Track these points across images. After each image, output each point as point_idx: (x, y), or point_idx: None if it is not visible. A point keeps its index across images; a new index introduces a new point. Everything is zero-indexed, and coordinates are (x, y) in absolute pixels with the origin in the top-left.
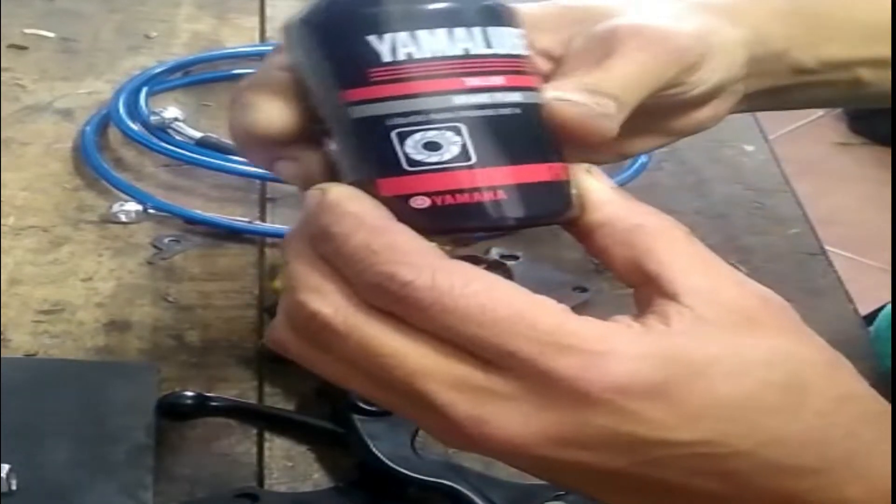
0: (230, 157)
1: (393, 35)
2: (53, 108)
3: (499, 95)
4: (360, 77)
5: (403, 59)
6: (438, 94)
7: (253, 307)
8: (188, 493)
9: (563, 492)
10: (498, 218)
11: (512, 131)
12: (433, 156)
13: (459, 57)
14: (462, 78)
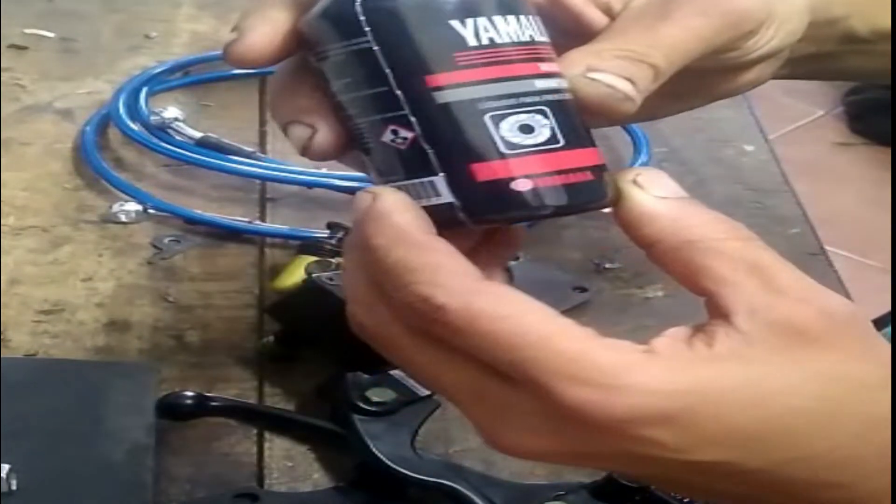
0: (230, 157)
1: (475, 20)
2: (53, 108)
3: (561, 81)
4: (447, 61)
5: (487, 43)
6: (524, 78)
7: (253, 307)
8: (188, 494)
9: (563, 492)
10: (587, 200)
11: (575, 115)
12: (528, 138)
13: (529, 43)
14: (537, 63)
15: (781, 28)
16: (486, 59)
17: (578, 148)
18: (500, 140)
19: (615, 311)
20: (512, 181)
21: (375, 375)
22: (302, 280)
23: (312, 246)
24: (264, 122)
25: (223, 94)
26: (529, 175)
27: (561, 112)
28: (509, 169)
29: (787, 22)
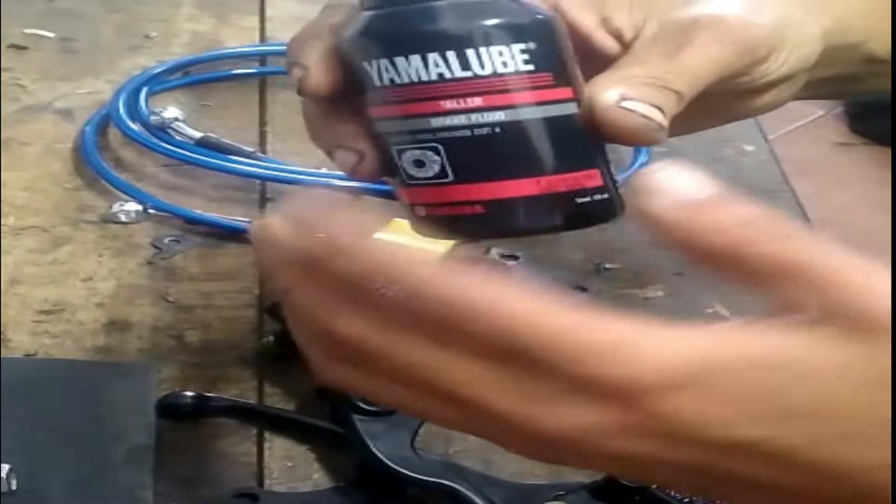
0: (230, 157)
1: (377, 62)
2: (53, 108)
3: (475, 116)
4: (369, 98)
5: (387, 84)
6: (420, 116)
7: (253, 307)
8: (188, 493)
9: (563, 492)
10: (473, 232)
11: (490, 149)
12: (420, 172)
13: (434, 82)
14: (440, 101)
15: (793, 54)
16: (392, 97)
17: (468, 183)
18: (403, 171)
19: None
20: (414, 207)
21: None
22: None
23: None
24: (264, 122)
25: (223, 95)
26: (423, 204)
27: (455, 148)
28: (411, 196)
29: (798, 48)
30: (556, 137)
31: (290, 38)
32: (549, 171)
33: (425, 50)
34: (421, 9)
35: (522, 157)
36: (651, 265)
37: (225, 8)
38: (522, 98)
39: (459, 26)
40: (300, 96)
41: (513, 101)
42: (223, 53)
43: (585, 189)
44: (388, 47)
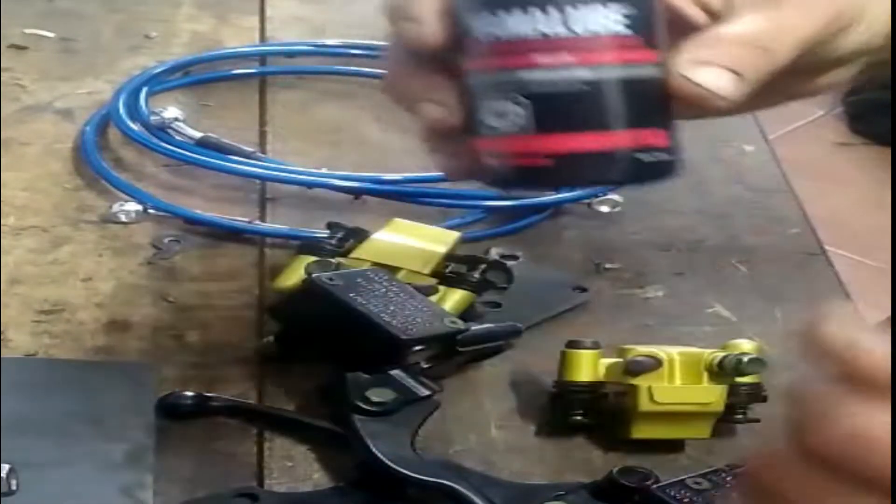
0: (230, 157)
1: (482, 15)
2: (53, 108)
3: (564, 72)
4: (466, 50)
5: (488, 37)
6: (509, 70)
7: (253, 307)
8: (188, 493)
9: (563, 492)
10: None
11: (571, 104)
12: (500, 122)
13: (532, 37)
14: (532, 56)
15: (869, 29)
16: (490, 50)
17: (544, 135)
18: (483, 122)
19: (615, 311)
20: (486, 156)
21: (375, 375)
22: (302, 280)
23: (313, 246)
24: (264, 122)
25: (223, 94)
26: (496, 154)
27: (538, 101)
28: (486, 146)
29: (874, 23)
30: (634, 98)
31: (288, 37)
32: (621, 127)
33: (530, 6)
34: None
35: (599, 113)
36: (651, 265)
37: (225, 8)
38: (611, 58)
39: None
40: (417, 49)
41: (602, 60)
42: (223, 53)
43: (651, 147)
44: (494, 2)
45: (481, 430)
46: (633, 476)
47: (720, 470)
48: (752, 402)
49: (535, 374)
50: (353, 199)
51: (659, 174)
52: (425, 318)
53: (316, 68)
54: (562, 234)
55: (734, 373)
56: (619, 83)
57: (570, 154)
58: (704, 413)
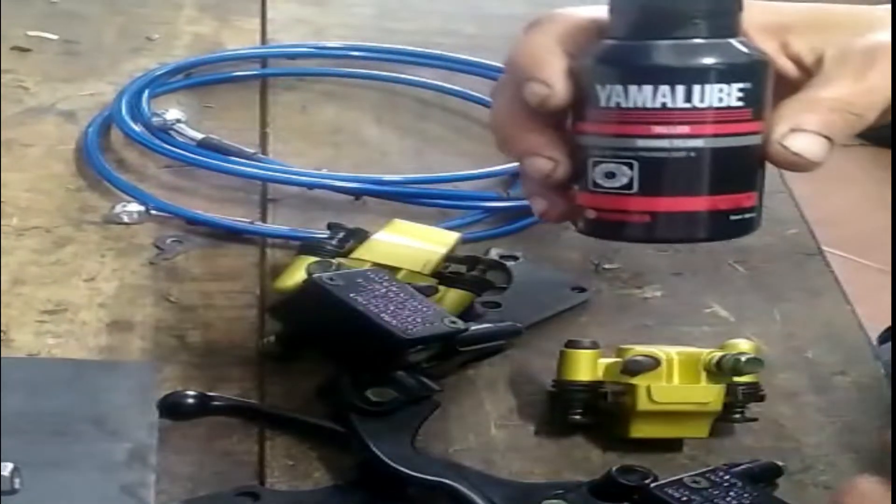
0: (231, 159)
1: (610, 86)
2: (56, 109)
3: (677, 141)
4: (585, 114)
5: (612, 106)
6: (628, 136)
7: (254, 307)
8: (190, 492)
9: (562, 490)
10: (639, 235)
11: (679, 169)
12: (608, 182)
13: (656, 109)
14: (651, 126)
15: None
16: (611, 117)
17: (648, 196)
18: (591, 180)
19: (614, 311)
20: (587, 210)
21: (375, 375)
22: (303, 280)
23: (313, 246)
24: (265, 123)
25: (224, 96)
26: (598, 209)
27: (648, 166)
28: (590, 201)
29: None
30: (736, 164)
31: (289, 39)
32: (720, 192)
33: (658, 82)
34: (659, 45)
35: (702, 179)
36: (649, 265)
37: (226, 10)
38: (723, 129)
39: (693, 64)
40: (541, 110)
41: (715, 131)
42: (224, 55)
43: (741, 208)
44: (625, 75)
45: (481, 429)
46: (632, 475)
47: (718, 469)
48: (749, 401)
49: (534, 374)
50: (354, 200)
51: (744, 230)
52: (425, 318)
53: (317, 70)
54: (561, 234)
55: (732, 372)
56: (725, 152)
57: (670, 213)
58: (702, 412)
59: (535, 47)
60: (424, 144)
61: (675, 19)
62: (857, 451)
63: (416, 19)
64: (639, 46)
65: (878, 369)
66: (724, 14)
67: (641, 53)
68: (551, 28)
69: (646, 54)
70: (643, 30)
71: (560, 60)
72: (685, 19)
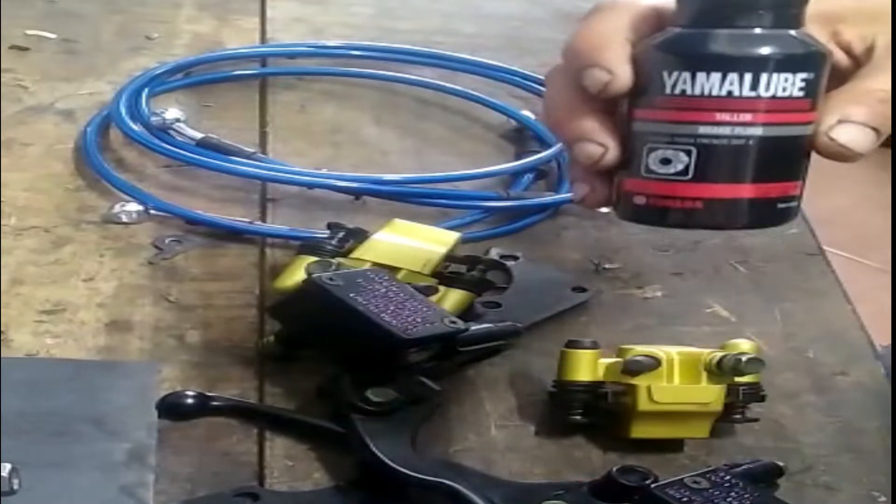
0: (231, 158)
1: (677, 73)
2: (55, 108)
3: (738, 129)
4: (646, 101)
5: (678, 93)
6: (689, 123)
7: (254, 307)
8: (189, 492)
9: (562, 490)
10: (688, 221)
11: (736, 156)
12: (662, 168)
13: (721, 97)
14: (715, 113)
15: None
16: (675, 104)
17: (702, 182)
18: (644, 165)
19: (615, 311)
20: (635, 196)
21: (375, 375)
22: (302, 280)
23: (313, 246)
24: (265, 122)
25: (224, 95)
26: (648, 195)
27: (707, 153)
28: (639, 187)
29: None
30: (790, 153)
31: (289, 38)
32: (771, 179)
33: (726, 69)
34: (728, 34)
35: (758, 167)
36: (649, 265)
37: (225, 9)
38: (783, 118)
39: (760, 53)
40: (600, 96)
41: (775, 119)
42: (224, 54)
43: (787, 196)
44: (693, 63)
45: (481, 429)
46: (633, 475)
47: (719, 469)
48: (750, 401)
49: (534, 374)
50: (354, 200)
51: (788, 218)
52: (425, 318)
53: (316, 69)
54: (561, 234)
55: (733, 372)
56: (781, 141)
57: (721, 200)
58: (703, 413)
59: (596, 34)
60: (424, 144)
61: (743, 9)
62: (858, 451)
63: (416, 19)
64: (707, 34)
65: (879, 369)
66: (791, 5)
67: (711, 41)
68: (612, 16)
69: (715, 42)
70: (711, 19)
71: (622, 48)
72: (753, 9)
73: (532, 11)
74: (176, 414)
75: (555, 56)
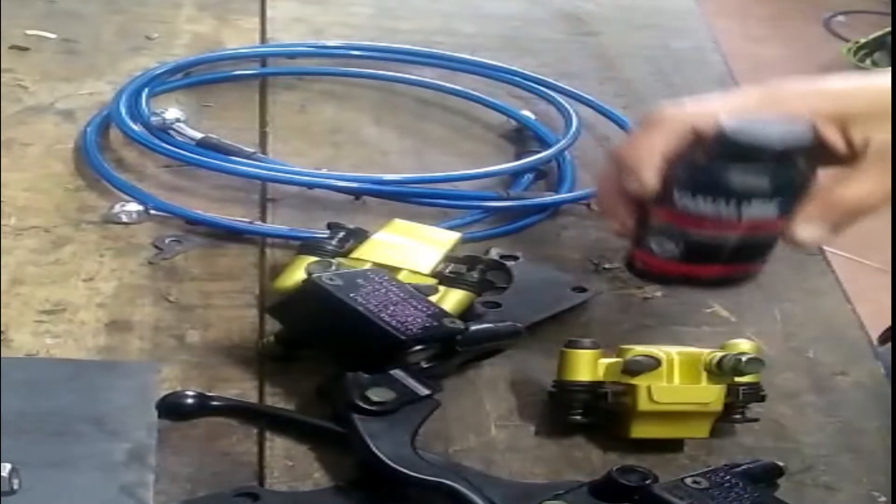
0: (230, 158)
1: (685, 192)
2: (55, 108)
3: (717, 234)
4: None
5: (680, 206)
6: (683, 226)
7: (254, 307)
8: (189, 493)
9: (562, 491)
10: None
11: (712, 250)
12: (657, 248)
13: (708, 215)
14: (703, 223)
15: None
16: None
17: (684, 263)
18: (646, 243)
19: (615, 311)
20: (636, 259)
21: (375, 375)
22: (302, 280)
23: (313, 246)
24: (265, 122)
25: (224, 95)
26: (642, 262)
27: (690, 245)
28: (641, 257)
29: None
30: (755, 248)
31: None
32: (739, 263)
33: (722, 201)
34: (724, 170)
35: (730, 256)
36: None
37: (225, 9)
38: (757, 231)
39: (746, 186)
40: (627, 189)
41: (751, 232)
42: (224, 54)
43: (748, 273)
44: (695, 189)
45: (481, 429)
46: (633, 475)
47: (719, 469)
48: (750, 401)
49: (534, 374)
50: (354, 200)
51: (751, 279)
52: (425, 318)
53: (316, 69)
54: (561, 234)
55: (733, 373)
56: (752, 243)
57: (698, 276)
58: (703, 413)
59: (641, 151)
60: (424, 144)
61: (737, 154)
62: (857, 451)
63: (416, 19)
64: (708, 169)
65: (879, 369)
66: (780, 153)
67: (709, 175)
68: (655, 135)
69: (711, 176)
70: (716, 157)
71: (655, 165)
72: (746, 155)
73: (532, 11)
74: (176, 414)
75: (555, 56)
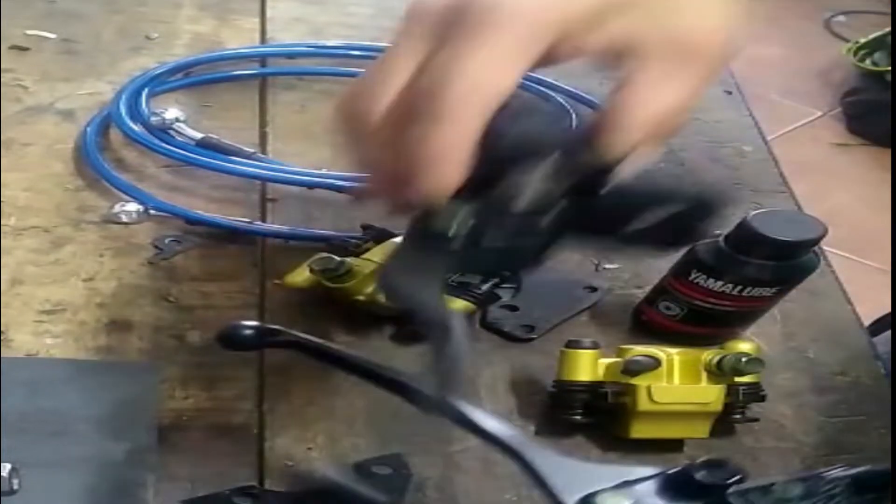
0: (231, 158)
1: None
2: (55, 108)
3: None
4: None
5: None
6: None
7: (253, 307)
8: (188, 492)
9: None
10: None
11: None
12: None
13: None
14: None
15: None
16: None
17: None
18: (656, 307)
19: (615, 311)
20: (645, 316)
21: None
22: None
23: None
24: (265, 122)
25: (224, 95)
26: (651, 320)
27: (695, 313)
28: (650, 313)
29: None
30: (747, 317)
31: (289, 38)
32: (728, 327)
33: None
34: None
35: (721, 322)
36: (650, 265)
37: (225, 9)
38: (753, 307)
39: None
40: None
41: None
42: (224, 54)
43: (736, 334)
44: (714, 273)
45: None
46: (717, 471)
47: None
48: (750, 401)
49: (534, 374)
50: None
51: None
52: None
53: (316, 69)
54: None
55: (733, 372)
56: (746, 312)
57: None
58: (703, 412)
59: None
60: None
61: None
62: (858, 452)
63: None
64: (719, 255)
65: (879, 369)
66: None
67: (720, 260)
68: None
69: (720, 261)
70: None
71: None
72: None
73: None
74: (235, 345)
75: None
